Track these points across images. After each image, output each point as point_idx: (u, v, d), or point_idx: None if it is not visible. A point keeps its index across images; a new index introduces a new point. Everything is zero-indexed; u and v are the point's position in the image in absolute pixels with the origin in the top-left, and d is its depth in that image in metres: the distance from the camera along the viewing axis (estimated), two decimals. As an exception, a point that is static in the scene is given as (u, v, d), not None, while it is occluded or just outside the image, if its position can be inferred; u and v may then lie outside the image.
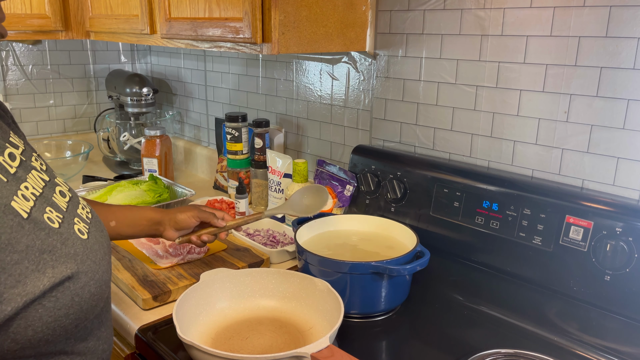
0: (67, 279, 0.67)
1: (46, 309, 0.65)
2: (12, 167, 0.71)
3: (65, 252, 0.69)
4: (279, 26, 1.16)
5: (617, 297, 0.98)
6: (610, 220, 0.98)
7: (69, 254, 0.69)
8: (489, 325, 1.07)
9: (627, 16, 0.97)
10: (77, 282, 0.68)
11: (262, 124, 1.62)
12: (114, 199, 1.56)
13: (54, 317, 0.66)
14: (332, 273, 1.05)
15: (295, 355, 0.82)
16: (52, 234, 0.69)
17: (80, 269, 0.69)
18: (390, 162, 1.34)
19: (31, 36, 1.80)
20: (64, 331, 0.69)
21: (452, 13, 1.22)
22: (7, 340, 0.63)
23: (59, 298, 0.66)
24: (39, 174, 0.76)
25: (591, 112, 1.05)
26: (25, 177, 0.72)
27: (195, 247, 1.30)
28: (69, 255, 0.69)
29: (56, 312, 0.66)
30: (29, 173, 0.74)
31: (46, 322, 0.65)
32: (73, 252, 0.70)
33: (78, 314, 0.69)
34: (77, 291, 0.68)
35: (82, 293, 0.69)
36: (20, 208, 0.67)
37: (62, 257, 0.68)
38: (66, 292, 0.67)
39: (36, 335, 0.65)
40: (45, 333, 0.66)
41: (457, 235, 1.20)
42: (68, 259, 0.68)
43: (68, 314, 0.68)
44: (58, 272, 0.66)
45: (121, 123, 2.15)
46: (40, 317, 0.64)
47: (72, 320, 0.69)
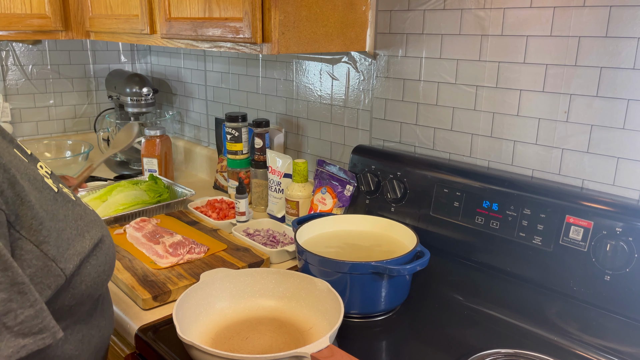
0: (99, 240, 0.79)
1: (92, 266, 0.76)
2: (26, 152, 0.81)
3: (90, 219, 0.80)
4: (279, 26, 1.16)
5: (617, 297, 0.98)
6: (610, 220, 0.98)
7: (92, 220, 0.81)
8: (489, 325, 1.07)
9: (627, 16, 0.97)
10: (105, 243, 0.81)
11: (262, 124, 1.62)
12: (114, 199, 1.56)
13: (97, 272, 0.77)
14: (332, 273, 1.05)
15: (295, 355, 0.82)
16: (75, 205, 0.79)
17: (104, 232, 0.82)
18: (390, 162, 1.34)
19: (31, 36, 1.80)
20: (101, 287, 0.81)
21: (452, 13, 1.22)
22: (68, 296, 0.73)
23: (98, 256, 0.78)
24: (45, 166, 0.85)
25: (591, 112, 1.05)
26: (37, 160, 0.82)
27: (195, 247, 1.30)
28: (92, 221, 0.80)
29: (98, 268, 0.78)
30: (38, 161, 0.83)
31: (93, 277, 0.76)
32: (94, 219, 0.82)
33: (108, 271, 0.82)
34: (106, 250, 0.81)
35: (109, 252, 0.82)
36: (49, 183, 0.76)
37: (89, 223, 0.79)
38: (101, 251, 0.79)
39: (87, 290, 0.76)
40: (91, 288, 0.77)
41: (457, 235, 1.20)
42: (94, 225, 0.80)
43: (105, 271, 0.80)
44: (93, 235, 0.78)
45: (121, 123, 2.15)
46: (89, 273, 0.76)
47: (107, 277, 0.82)
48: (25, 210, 0.67)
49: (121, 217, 1.51)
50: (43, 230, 0.68)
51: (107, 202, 1.55)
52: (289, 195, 1.50)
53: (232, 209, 1.60)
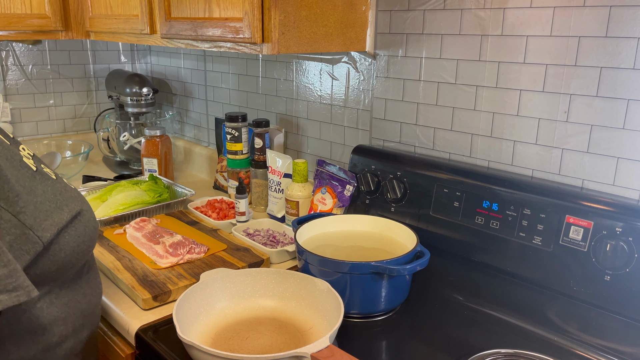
0: (78, 213, 0.87)
1: (71, 236, 0.85)
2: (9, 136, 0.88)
3: (69, 195, 0.88)
4: (279, 26, 1.16)
5: (617, 297, 0.98)
6: (610, 220, 0.98)
7: (71, 196, 0.89)
8: (489, 325, 1.07)
9: (627, 16, 0.97)
10: (84, 216, 0.89)
11: (262, 124, 1.62)
12: (114, 199, 1.56)
13: (76, 242, 0.86)
14: (332, 273, 1.05)
15: (295, 355, 0.82)
16: (55, 183, 0.88)
17: (83, 207, 0.90)
18: (390, 162, 1.34)
19: (31, 36, 1.80)
20: (82, 256, 0.89)
21: (452, 13, 1.22)
22: (48, 262, 0.82)
23: (77, 227, 0.86)
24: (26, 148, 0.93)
25: (591, 112, 1.05)
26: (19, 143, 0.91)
27: (195, 247, 1.30)
28: (72, 197, 0.89)
29: (77, 238, 0.86)
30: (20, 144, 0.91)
31: (72, 246, 0.85)
32: (73, 195, 0.90)
33: (89, 243, 0.90)
34: (85, 223, 0.89)
35: (89, 224, 0.90)
36: (29, 163, 0.85)
37: (69, 198, 0.87)
38: (80, 223, 0.87)
39: (66, 258, 0.84)
40: (71, 256, 0.85)
41: (457, 235, 1.20)
42: (73, 200, 0.88)
43: (84, 241, 0.88)
44: (71, 208, 0.86)
45: (121, 123, 2.15)
46: (68, 242, 0.84)
47: (87, 247, 0.90)
48: (2, 183, 0.75)
49: (121, 217, 1.51)
50: (20, 202, 0.76)
51: (107, 202, 1.55)
52: (289, 195, 1.50)
53: (232, 209, 1.60)
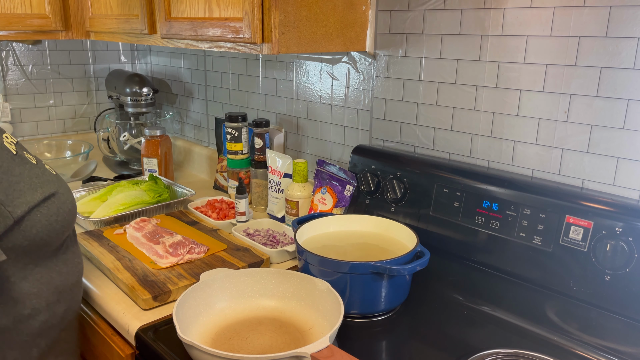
0: (52, 195, 0.95)
1: (42, 214, 0.92)
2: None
3: (46, 179, 0.97)
4: (279, 26, 1.16)
5: (617, 297, 0.98)
6: (610, 220, 0.98)
7: (48, 180, 0.97)
8: (489, 325, 1.07)
9: (627, 16, 0.97)
10: (59, 198, 0.97)
11: (262, 124, 1.62)
12: (114, 199, 1.56)
13: (48, 221, 0.93)
14: (332, 273, 1.05)
15: (295, 355, 0.82)
16: (34, 167, 0.97)
17: (59, 190, 0.98)
18: (390, 162, 1.34)
19: (31, 36, 1.80)
20: (55, 235, 0.96)
21: (452, 13, 1.22)
22: (20, 237, 0.90)
23: (49, 207, 0.94)
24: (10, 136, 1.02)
25: (591, 112, 1.05)
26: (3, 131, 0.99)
27: (195, 247, 1.30)
28: (49, 181, 0.97)
29: (49, 217, 0.93)
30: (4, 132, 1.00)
31: (43, 224, 0.92)
32: (51, 179, 0.98)
33: (63, 223, 0.97)
34: (60, 205, 0.96)
35: (63, 207, 0.97)
36: (9, 147, 0.94)
37: (45, 181, 0.96)
38: (53, 204, 0.95)
39: (38, 234, 0.92)
40: (43, 233, 0.93)
41: (457, 235, 1.20)
42: (49, 183, 0.97)
43: (57, 220, 0.95)
44: (45, 190, 0.94)
45: (121, 123, 2.15)
46: (39, 220, 0.92)
47: (60, 226, 0.96)
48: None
49: (121, 217, 1.51)
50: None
51: (107, 202, 1.55)
52: (289, 195, 1.50)
53: (232, 209, 1.60)
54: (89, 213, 1.53)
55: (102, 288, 1.20)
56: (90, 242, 1.37)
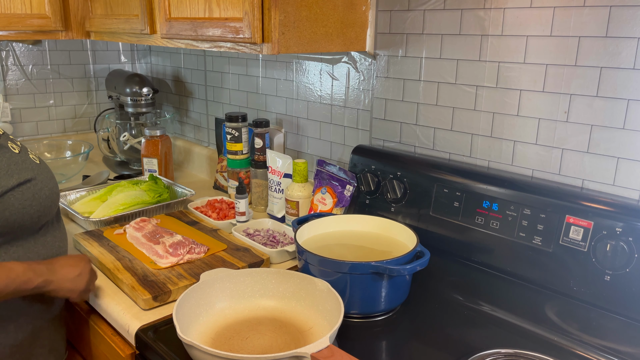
0: (28, 181, 1.01)
1: (16, 199, 0.98)
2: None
3: (25, 167, 1.03)
4: (279, 26, 1.16)
5: (617, 297, 0.98)
6: (610, 220, 0.98)
7: (27, 167, 1.03)
8: (489, 325, 1.07)
9: (627, 16, 0.97)
10: (36, 185, 1.03)
11: (262, 124, 1.62)
12: (114, 199, 1.56)
13: (22, 205, 0.99)
14: (332, 273, 1.05)
15: (295, 355, 0.82)
16: (14, 156, 1.02)
17: (37, 177, 1.03)
18: (390, 162, 1.34)
19: (31, 36, 1.80)
20: (30, 219, 1.02)
21: (452, 13, 1.22)
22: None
23: (24, 192, 1.00)
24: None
25: (591, 112, 1.05)
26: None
27: (195, 247, 1.30)
28: (28, 168, 1.03)
29: (23, 202, 0.99)
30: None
31: (17, 208, 0.98)
32: (31, 167, 1.04)
33: (38, 208, 1.02)
34: (36, 191, 1.02)
35: (40, 193, 1.03)
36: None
37: (23, 169, 1.02)
38: (29, 190, 1.01)
39: (11, 217, 0.98)
40: (17, 216, 0.99)
41: (457, 235, 1.20)
42: (28, 170, 1.02)
43: (32, 205, 1.01)
44: (21, 176, 1.00)
45: (121, 123, 2.15)
46: (12, 204, 0.98)
47: (35, 211, 1.02)
48: None
49: (121, 217, 1.51)
50: None
51: (107, 202, 1.55)
52: (289, 195, 1.50)
53: (232, 209, 1.60)
54: (89, 213, 1.53)
55: (102, 288, 1.20)
56: (90, 242, 1.37)
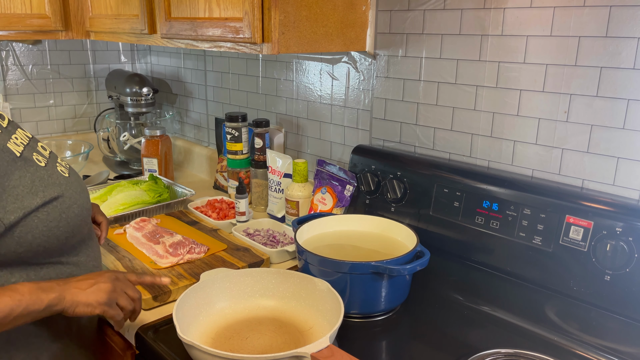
0: (54, 199, 0.88)
1: (40, 220, 0.86)
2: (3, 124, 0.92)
3: (52, 182, 0.90)
4: (279, 26, 1.16)
5: (617, 297, 0.98)
6: (610, 220, 0.98)
7: (54, 183, 0.90)
8: (489, 325, 1.07)
9: (627, 16, 0.97)
10: (63, 203, 0.90)
11: (262, 124, 1.62)
12: (114, 199, 1.56)
13: (47, 227, 0.87)
14: (332, 273, 1.05)
15: (295, 355, 0.82)
16: (40, 170, 0.90)
17: (65, 193, 0.91)
18: (390, 162, 1.34)
19: (31, 36, 1.80)
20: (57, 241, 0.89)
21: (452, 13, 1.22)
22: (13, 243, 0.84)
23: (49, 213, 0.87)
24: (24, 132, 0.97)
25: (591, 112, 1.05)
26: (15, 131, 0.93)
27: (195, 247, 1.30)
28: (55, 184, 0.90)
29: (48, 223, 0.87)
30: (17, 130, 0.94)
31: (41, 231, 0.86)
32: (58, 182, 0.91)
33: (66, 228, 0.90)
34: (63, 209, 0.89)
35: (68, 212, 0.90)
36: (14, 149, 0.88)
37: (49, 185, 0.89)
38: (55, 209, 0.88)
39: (35, 241, 0.86)
40: (41, 239, 0.87)
41: (457, 235, 1.20)
42: (54, 186, 0.90)
43: (58, 226, 0.88)
44: (47, 194, 0.88)
45: (121, 123, 2.15)
46: (36, 226, 0.85)
47: (63, 232, 0.89)
48: None
49: (121, 217, 1.51)
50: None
51: (107, 202, 1.55)
52: (289, 195, 1.50)
53: (232, 209, 1.60)
54: (89, 213, 1.53)
55: (102, 288, 1.20)
56: (90, 242, 1.37)
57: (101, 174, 1.95)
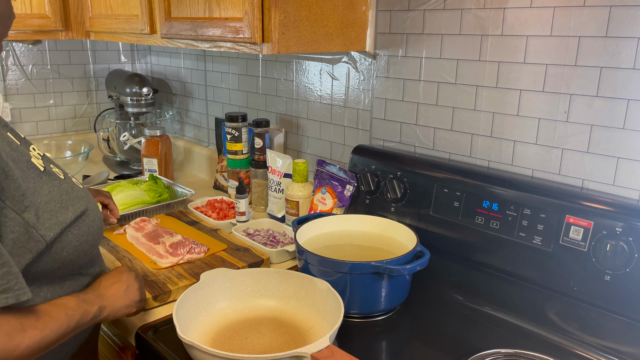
0: (83, 213, 0.88)
1: (74, 235, 0.86)
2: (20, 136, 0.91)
3: (76, 195, 0.89)
4: (279, 26, 1.16)
5: (617, 297, 0.98)
6: (610, 220, 0.98)
7: (78, 196, 0.90)
8: (489, 325, 1.07)
9: (627, 16, 0.97)
10: (89, 216, 0.90)
11: (262, 124, 1.62)
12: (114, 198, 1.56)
13: (79, 242, 0.87)
14: (332, 273, 1.05)
15: (295, 355, 0.82)
16: (62, 183, 0.88)
17: (89, 207, 0.91)
18: (390, 162, 1.34)
19: (31, 36, 1.80)
20: (85, 255, 0.90)
21: (452, 13, 1.22)
22: (50, 260, 0.83)
23: (80, 227, 0.87)
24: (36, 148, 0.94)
25: (591, 112, 1.05)
26: (30, 143, 0.92)
27: (195, 247, 1.30)
28: (78, 197, 0.90)
29: (80, 237, 0.87)
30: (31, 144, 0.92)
31: (74, 245, 0.86)
32: (80, 195, 0.91)
33: (92, 241, 0.91)
34: (90, 222, 0.90)
35: (93, 224, 0.91)
36: (37, 163, 0.86)
37: (75, 198, 0.88)
38: (84, 223, 0.88)
39: (68, 256, 0.85)
40: (73, 254, 0.86)
41: (457, 235, 1.20)
42: (79, 200, 0.89)
43: (87, 240, 0.89)
44: (77, 208, 0.87)
45: (121, 123, 2.15)
46: (70, 241, 0.85)
47: (90, 245, 0.90)
48: (9, 183, 0.76)
49: (121, 217, 1.51)
50: (25, 201, 0.78)
51: (107, 202, 1.55)
52: (289, 195, 1.50)
53: (232, 209, 1.60)
54: (89, 213, 1.52)
55: (102, 288, 1.20)
56: (90, 242, 1.37)
57: (101, 174, 1.95)
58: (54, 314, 0.81)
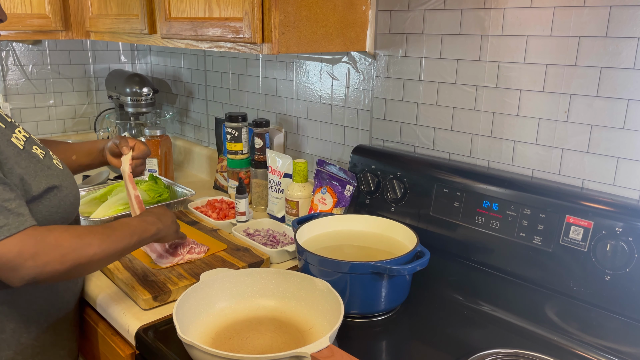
0: (54, 187, 1.01)
1: (44, 205, 0.99)
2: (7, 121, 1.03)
3: (51, 173, 1.03)
4: (279, 26, 1.16)
5: (617, 297, 0.98)
6: (610, 220, 0.98)
7: (53, 174, 1.03)
8: (489, 325, 1.07)
9: (627, 16, 0.97)
10: (61, 192, 1.03)
11: (262, 124, 1.62)
12: (114, 198, 1.56)
13: (49, 212, 1.00)
14: (332, 273, 1.05)
15: (295, 355, 0.82)
16: (40, 162, 1.02)
17: (62, 184, 1.04)
18: (390, 162, 1.34)
19: (31, 36, 1.80)
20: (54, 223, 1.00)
21: (452, 13, 1.22)
22: None
23: (51, 199, 1.00)
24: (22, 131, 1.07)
25: (591, 112, 1.05)
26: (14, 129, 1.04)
27: (195, 247, 1.30)
28: (53, 175, 1.03)
29: (50, 208, 1.00)
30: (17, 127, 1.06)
31: (44, 215, 0.98)
32: (56, 173, 1.04)
33: (63, 214, 1.03)
34: (62, 197, 1.03)
35: (65, 199, 1.04)
36: (17, 143, 1.00)
37: (49, 175, 1.02)
38: (55, 197, 1.01)
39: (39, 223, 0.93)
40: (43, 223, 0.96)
41: (457, 236, 1.20)
42: (54, 177, 1.02)
43: (58, 212, 1.02)
44: (49, 182, 1.00)
45: (121, 123, 2.15)
46: (40, 211, 0.98)
47: (59, 218, 1.02)
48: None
49: (121, 217, 1.51)
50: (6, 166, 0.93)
51: (107, 202, 1.55)
52: (289, 195, 1.50)
53: (232, 209, 1.60)
54: (89, 213, 1.53)
55: (102, 288, 1.20)
56: (90, 242, 1.37)
57: (101, 174, 1.95)
58: (117, 227, 1.00)
